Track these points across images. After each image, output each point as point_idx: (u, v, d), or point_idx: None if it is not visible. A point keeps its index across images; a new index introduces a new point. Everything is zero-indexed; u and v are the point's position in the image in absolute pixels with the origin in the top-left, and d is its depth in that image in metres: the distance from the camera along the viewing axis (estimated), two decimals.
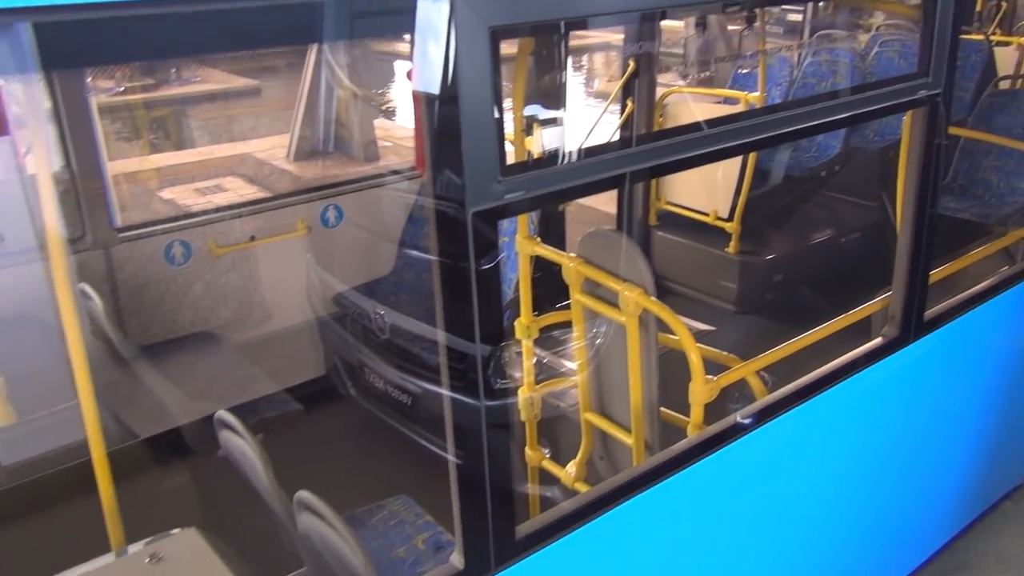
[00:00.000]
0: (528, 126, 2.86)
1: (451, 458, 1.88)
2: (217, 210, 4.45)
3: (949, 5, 2.54)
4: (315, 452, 4.15)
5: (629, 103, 5.05)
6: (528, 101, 2.95)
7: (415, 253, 4.40)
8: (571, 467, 2.97)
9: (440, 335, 1.82)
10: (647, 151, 2.02)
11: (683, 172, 5.14)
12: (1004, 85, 6.05)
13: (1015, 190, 4.66)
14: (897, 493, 3.28)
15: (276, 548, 2.69)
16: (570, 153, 1.89)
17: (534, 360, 3.23)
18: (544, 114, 3.23)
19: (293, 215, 4.35)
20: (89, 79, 4.68)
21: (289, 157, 8.18)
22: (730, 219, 4.97)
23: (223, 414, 2.53)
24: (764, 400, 2.56)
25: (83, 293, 3.53)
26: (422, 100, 1.59)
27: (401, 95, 12.13)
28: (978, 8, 6.95)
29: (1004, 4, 7.56)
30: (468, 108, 1.59)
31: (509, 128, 2.84)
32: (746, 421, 2.40)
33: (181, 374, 4.07)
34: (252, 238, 4.19)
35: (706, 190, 5.06)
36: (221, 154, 9.00)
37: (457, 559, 1.91)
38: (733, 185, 4.94)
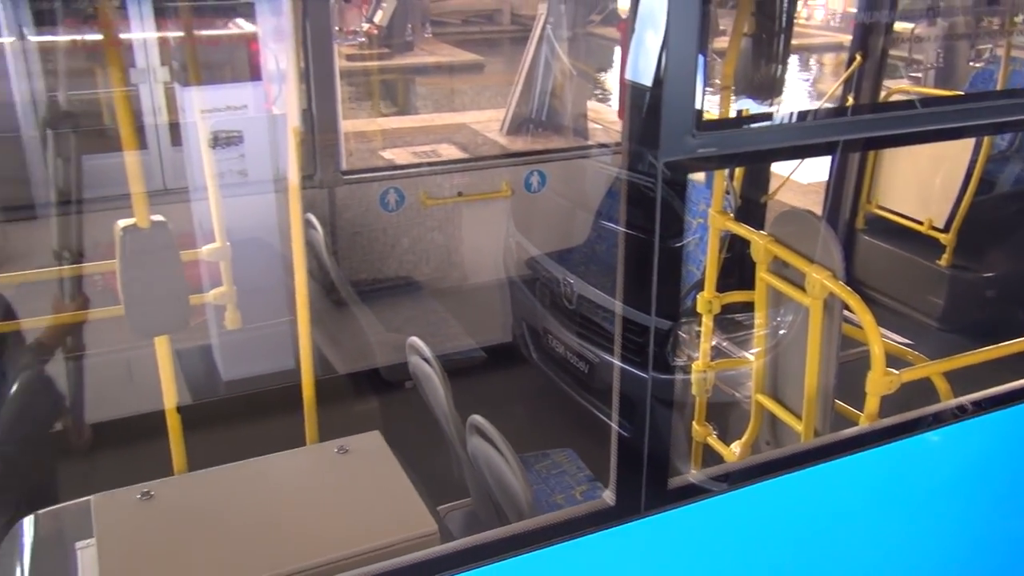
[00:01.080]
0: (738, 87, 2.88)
1: (615, 406, 1.98)
2: (430, 164, 4.76)
3: None
4: (491, 400, 4.37)
5: (849, 100, 4.87)
6: (742, 67, 2.97)
7: (610, 226, 4.50)
8: (736, 446, 2.98)
9: (619, 289, 1.91)
10: (849, 122, 2.00)
11: (899, 175, 4.94)
12: None
13: None
14: None
15: (447, 477, 2.90)
16: (771, 116, 1.92)
17: (712, 339, 3.26)
18: (755, 79, 3.21)
19: (499, 177, 4.57)
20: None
21: (503, 130, 8.52)
22: (946, 230, 4.68)
23: (415, 340, 2.76)
24: (949, 402, 2.45)
25: (308, 223, 3.91)
26: (629, 47, 1.68)
27: (615, 79, 12.26)
28: None
29: None
30: (671, 59, 1.66)
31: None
32: (923, 417, 2.32)
33: (381, 314, 4.42)
34: (459, 194, 4.45)
35: (923, 196, 4.79)
36: (440, 122, 9.50)
37: (609, 496, 2.01)
38: (954, 193, 4.65)
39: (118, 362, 3.92)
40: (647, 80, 1.68)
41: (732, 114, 3.08)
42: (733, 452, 2.97)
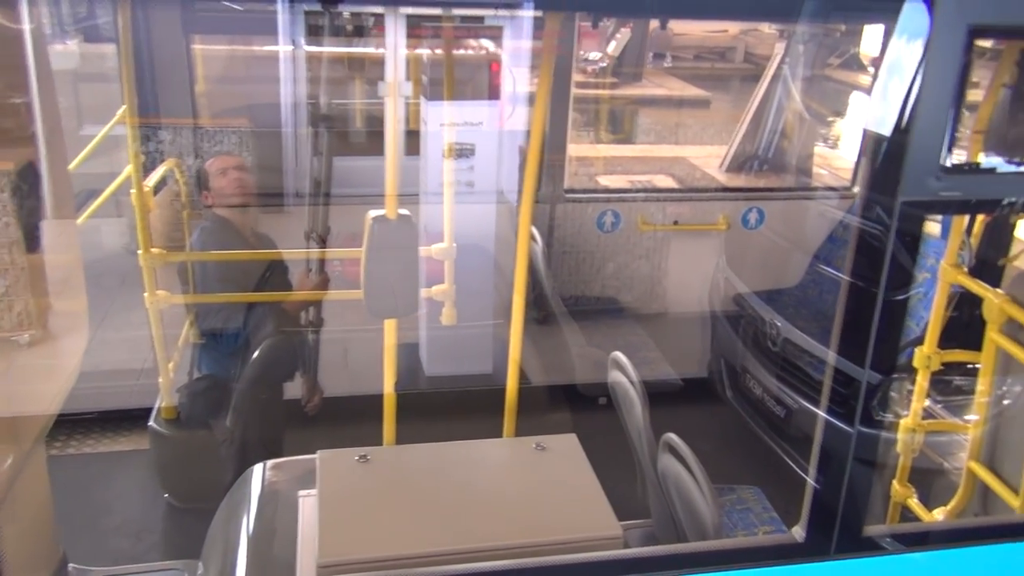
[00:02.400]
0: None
1: (815, 447, 1.97)
2: (649, 190, 4.85)
3: None
4: (681, 429, 4.37)
5: None
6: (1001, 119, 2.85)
7: (828, 270, 4.38)
8: (939, 512, 2.83)
9: (836, 327, 1.91)
10: None
11: None
12: None
13: None
14: None
15: (630, 496, 2.96)
16: (1018, 166, 1.86)
17: (925, 399, 3.11)
18: (1011, 131, 3.05)
19: (715, 210, 4.59)
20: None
21: (722, 167, 8.46)
22: None
23: (618, 355, 2.86)
24: None
25: (531, 235, 4.12)
26: (881, 85, 1.69)
27: (848, 126, 11.79)
28: None
29: None
30: (926, 100, 1.66)
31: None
32: None
33: (583, 331, 4.56)
34: (675, 222, 4.51)
35: None
36: (660, 154, 9.57)
37: (798, 533, 2.00)
38: None
39: (340, 343, 4.29)
40: (895, 119, 1.69)
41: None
42: (935, 517, 2.82)
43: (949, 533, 2.07)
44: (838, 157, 9.25)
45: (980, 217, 4.41)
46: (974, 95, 3.14)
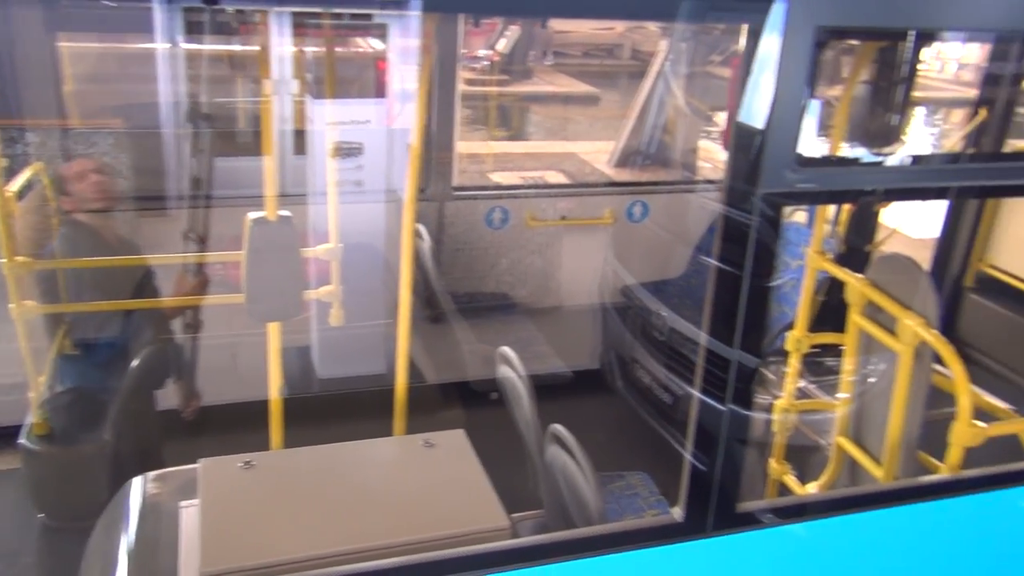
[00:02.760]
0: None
1: (692, 428, 2.06)
2: (537, 186, 4.92)
3: None
4: (572, 420, 4.46)
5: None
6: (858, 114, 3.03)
7: (708, 260, 4.54)
8: (812, 487, 2.98)
9: (706, 313, 2.00)
10: (949, 169, 2.04)
11: (1015, 235, 4.81)
12: None
13: None
14: None
15: (521, 489, 3.01)
16: (875, 158, 1.98)
17: (799, 380, 3.28)
18: (869, 126, 3.24)
19: (603, 205, 4.69)
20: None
21: (610, 162, 8.66)
22: None
23: (505, 350, 2.90)
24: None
25: (416, 233, 4.12)
26: (743, 86, 1.78)
27: (727, 119, 12.27)
28: None
29: None
30: (780, 98, 1.75)
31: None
32: (1007, 473, 2.30)
33: (474, 328, 4.59)
34: (563, 218, 4.59)
35: None
36: (550, 150, 9.71)
37: (677, 513, 2.08)
38: None
39: (224, 348, 4.19)
40: (754, 115, 1.78)
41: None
42: (808, 492, 2.98)
43: (816, 505, 2.20)
44: (721, 151, 9.61)
45: (846, 206, 4.67)
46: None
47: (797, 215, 4.18)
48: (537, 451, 2.69)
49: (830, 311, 3.74)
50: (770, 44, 1.74)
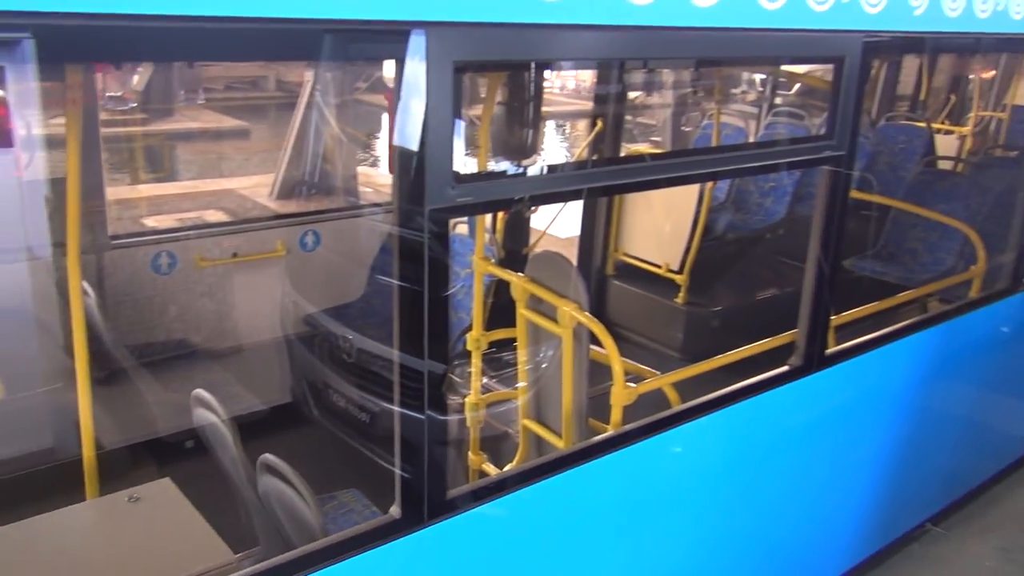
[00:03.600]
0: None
1: (397, 431, 2.24)
2: (203, 226, 4.82)
3: (853, 82, 3.02)
4: (275, 455, 4.45)
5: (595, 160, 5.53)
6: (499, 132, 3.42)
7: (383, 279, 4.78)
8: (508, 469, 3.31)
9: (395, 324, 2.20)
10: (579, 174, 2.44)
11: (639, 226, 5.64)
12: (946, 165, 6.64)
13: (937, 259, 5.14)
14: (797, 514, 3.64)
15: (234, 529, 2.99)
16: (516, 170, 2.31)
17: (483, 377, 3.61)
18: (509, 142, 3.66)
19: (274, 238, 4.73)
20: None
21: (272, 195, 8.60)
22: (680, 272, 5.41)
23: (198, 392, 2.87)
24: (676, 408, 2.94)
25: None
26: (397, 115, 1.99)
27: (383, 144, 12.75)
28: (923, 97, 7.60)
29: (953, 97, 8.24)
30: (431, 124, 1.99)
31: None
32: (656, 421, 2.78)
33: (158, 379, 4.39)
34: (234, 255, 4.55)
35: (659, 244, 5.50)
36: (206, 188, 9.38)
37: (395, 510, 2.26)
38: (684, 240, 5.39)
39: None
40: (412, 141, 2.01)
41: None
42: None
43: (512, 479, 2.49)
44: (379, 173, 9.97)
45: (501, 214, 5.18)
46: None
47: (460, 227, 4.55)
48: (249, 487, 2.71)
49: (500, 310, 4.14)
50: (415, 75, 1.98)
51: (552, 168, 2.59)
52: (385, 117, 14.20)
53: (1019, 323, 4.58)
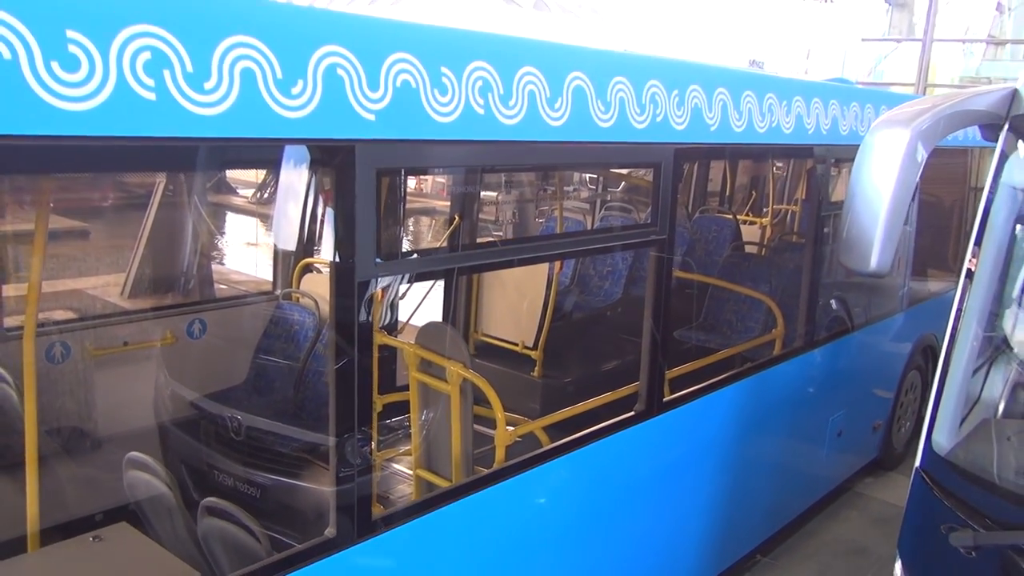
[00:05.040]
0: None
1: (332, 465, 2.81)
2: (92, 316, 5.14)
3: (669, 181, 3.94)
4: None
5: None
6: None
7: (268, 359, 5.26)
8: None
9: (330, 376, 2.79)
10: (461, 255, 3.16)
11: (496, 308, 6.41)
12: (752, 249, 7.90)
13: (747, 327, 6.19)
14: (646, 541, 4.40)
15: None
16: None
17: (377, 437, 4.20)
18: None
19: (158, 327, 5.13)
20: None
21: (124, 294, 8.79)
22: (535, 348, 6.19)
23: (134, 454, 3.30)
24: (544, 448, 3.66)
25: None
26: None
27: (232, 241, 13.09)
28: (728, 194, 9.00)
29: (754, 193, 9.71)
30: (355, 224, 2.67)
31: None
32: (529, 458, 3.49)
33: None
34: (125, 343, 4.92)
35: (515, 323, 6.29)
36: (50, 290, 9.39)
37: (330, 531, 2.82)
38: (537, 319, 6.19)
39: None
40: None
41: None
42: None
43: (408, 509, 3.10)
44: (227, 269, 10.29)
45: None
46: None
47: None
48: (187, 535, 3.15)
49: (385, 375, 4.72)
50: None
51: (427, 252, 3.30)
52: (229, 216, 14.56)
53: (813, 375, 5.66)
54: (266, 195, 15.33)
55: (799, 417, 5.63)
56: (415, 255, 3.18)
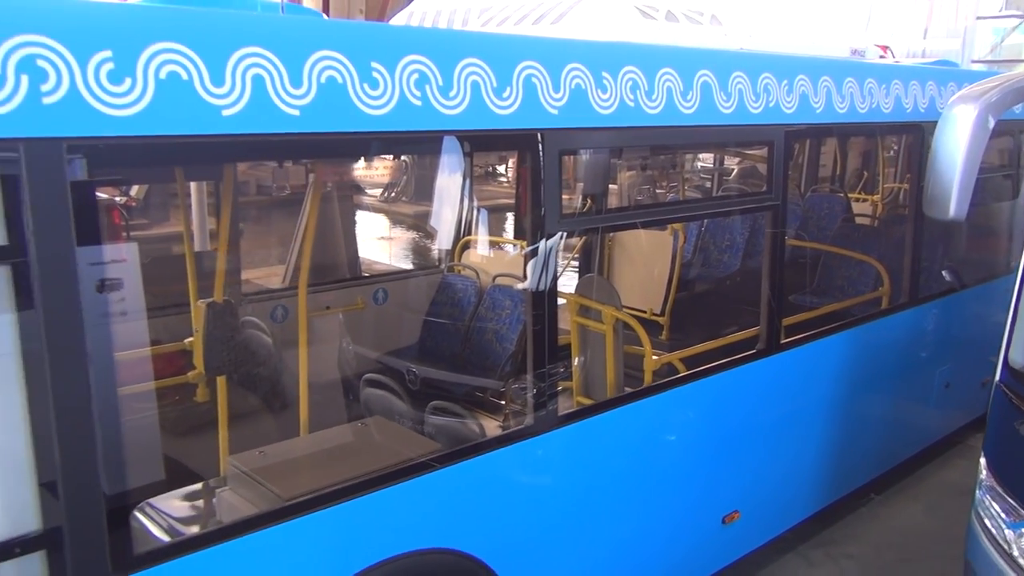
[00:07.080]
0: None
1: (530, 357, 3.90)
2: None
3: (781, 157, 4.90)
4: None
5: None
6: None
7: (439, 320, 6.40)
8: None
9: (528, 320, 3.89)
10: (628, 213, 4.23)
11: (625, 279, 7.44)
12: (865, 221, 8.71)
13: (856, 292, 7.01)
14: (770, 459, 5.35)
15: None
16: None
17: None
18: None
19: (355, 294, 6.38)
20: None
21: (285, 282, 10.24)
22: (662, 314, 7.18)
23: (370, 375, 4.48)
24: (679, 375, 4.69)
25: None
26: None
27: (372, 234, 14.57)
28: (839, 173, 9.81)
29: (866, 174, 10.44)
30: (547, 190, 3.77)
31: None
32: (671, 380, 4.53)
33: None
34: (327, 307, 6.19)
35: (643, 292, 7.30)
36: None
37: (528, 421, 3.91)
38: (663, 289, 7.19)
39: None
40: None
41: None
42: None
43: (587, 410, 4.18)
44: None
45: None
46: None
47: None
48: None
49: None
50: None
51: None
52: (361, 213, 16.12)
53: (921, 329, 6.48)
54: (392, 194, 16.84)
55: (907, 367, 6.45)
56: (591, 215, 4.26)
